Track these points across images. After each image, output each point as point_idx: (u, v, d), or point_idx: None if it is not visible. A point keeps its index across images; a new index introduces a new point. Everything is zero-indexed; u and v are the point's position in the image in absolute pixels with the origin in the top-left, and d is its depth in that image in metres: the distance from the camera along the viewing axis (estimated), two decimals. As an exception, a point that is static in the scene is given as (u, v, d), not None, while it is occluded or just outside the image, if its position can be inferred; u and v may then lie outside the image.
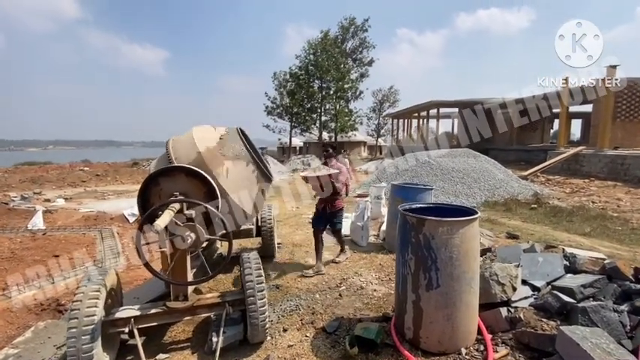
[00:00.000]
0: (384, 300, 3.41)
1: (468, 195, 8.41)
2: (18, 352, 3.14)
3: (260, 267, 2.67)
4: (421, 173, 9.36)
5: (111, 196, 12.20)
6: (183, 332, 2.97)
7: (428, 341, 2.42)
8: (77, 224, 8.19)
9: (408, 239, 2.44)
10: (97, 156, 35.11)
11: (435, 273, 2.33)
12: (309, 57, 26.83)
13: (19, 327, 3.69)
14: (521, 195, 8.69)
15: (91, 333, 2.09)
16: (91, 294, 2.19)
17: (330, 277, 4.07)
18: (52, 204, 10.49)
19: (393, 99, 34.34)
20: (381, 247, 5.08)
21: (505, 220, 6.79)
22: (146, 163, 23.30)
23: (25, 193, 12.39)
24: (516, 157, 18.57)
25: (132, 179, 17.13)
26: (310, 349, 2.64)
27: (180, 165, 2.58)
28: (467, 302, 2.40)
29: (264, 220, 4.53)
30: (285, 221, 7.11)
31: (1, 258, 5.92)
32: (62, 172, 18.19)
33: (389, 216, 5.12)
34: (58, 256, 5.99)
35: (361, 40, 29.36)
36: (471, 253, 2.37)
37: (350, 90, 27.98)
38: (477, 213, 2.46)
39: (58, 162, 25.12)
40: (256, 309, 2.47)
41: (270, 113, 29.08)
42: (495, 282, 2.74)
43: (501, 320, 2.60)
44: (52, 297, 4.40)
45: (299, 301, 3.42)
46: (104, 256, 6.05)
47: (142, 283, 4.48)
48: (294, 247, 5.36)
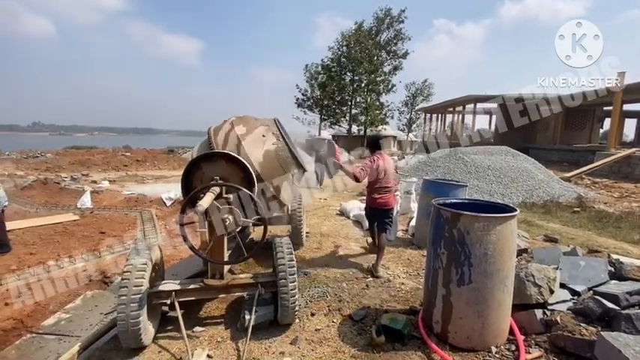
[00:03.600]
0: (412, 294, 3.40)
1: (503, 195, 8.07)
2: (69, 316, 3.47)
3: (292, 252, 2.76)
4: (454, 170, 9.08)
5: (149, 181, 12.93)
6: (217, 309, 3.14)
7: (457, 336, 2.40)
8: (120, 205, 8.79)
9: (442, 233, 2.42)
10: (136, 142, 37.17)
11: (467, 268, 2.30)
12: (342, 49, 26.61)
13: (70, 294, 4.06)
14: (563, 197, 8.20)
15: (138, 302, 2.28)
16: (139, 266, 2.38)
17: (357, 267, 4.11)
18: (98, 185, 11.30)
19: (426, 93, 33.31)
20: (410, 243, 5.04)
21: (543, 223, 6.47)
22: (181, 150, 24.36)
23: (75, 175, 13.44)
24: (559, 157, 17.46)
25: (168, 165, 18.02)
26: (337, 334, 2.70)
27: (221, 151, 2.70)
28: (499, 300, 2.35)
29: (295, 208, 4.64)
30: (314, 212, 7.21)
31: (55, 232, 6.52)
32: (106, 156, 19.47)
33: (419, 211, 5.05)
34: (104, 232, 6.50)
35: (396, 31, 28.58)
36: (506, 251, 2.31)
37: (382, 83, 27.51)
38: (515, 210, 2.39)
39: (103, 147, 26.87)
40: (287, 291, 2.57)
41: (301, 105, 29.28)
42: (531, 283, 2.65)
43: (536, 322, 2.53)
44: (98, 269, 4.80)
45: (326, 289, 3.49)
46: (144, 236, 6.47)
47: (178, 262, 4.77)
48: (322, 237, 5.44)
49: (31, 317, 3.66)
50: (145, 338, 2.40)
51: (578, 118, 20.22)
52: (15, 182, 11.59)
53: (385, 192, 3.96)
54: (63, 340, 2.99)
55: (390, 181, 3.98)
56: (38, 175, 13.24)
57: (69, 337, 3.02)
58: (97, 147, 27.31)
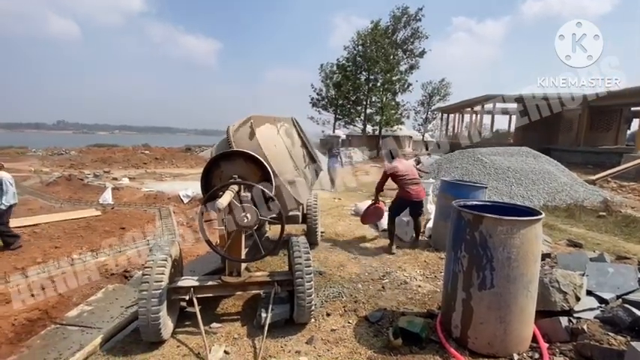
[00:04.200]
0: (429, 297, 3.34)
1: (524, 197, 7.83)
2: (91, 309, 3.58)
3: (308, 251, 2.75)
4: (472, 171, 8.88)
5: (168, 178, 13.22)
6: (234, 306, 3.17)
7: (477, 342, 2.34)
8: (139, 201, 9.03)
9: (462, 236, 2.36)
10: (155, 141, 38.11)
11: (489, 273, 2.24)
12: (358, 48, 26.44)
13: (93, 287, 4.18)
14: (588, 201, 7.89)
15: (158, 297, 2.33)
16: (160, 262, 2.43)
17: (372, 269, 4.07)
18: (118, 182, 11.64)
19: (443, 92, 32.69)
20: (427, 245, 4.95)
21: (566, 227, 6.24)
22: (198, 149, 24.81)
23: (97, 172, 13.89)
24: (583, 159, 16.81)
25: (186, 164, 18.38)
26: (353, 335, 2.68)
27: (239, 150, 2.72)
28: (522, 306, 2.28)
29: (310, 207, 4.64)
30: (328, 212, 7.19)
31: (79, 226, 6.74)
32: (127, 154, 20.03)
33: (436, 213, 4.96)
34: (124, 228, 6.68)
35: (413, 30, 28.13)
36: (531, 255, 2.23)
37: (398, 82, 27.15)
38: (540, 214, 2.30)
39: (123, 145, 27.67)
40: (304, 290, 2.56)
41: (315, 105, 29.26)
42: (556, 289, 2.56)
43: (560, 330, 2.43)
44: (119, 264, 4.93)
45: (342, 289, 3.48)
46: (162, 232, 6.61)
47: (195, 258, 4.85)
48: (337, 236, 5.42)
49: (56, 309, 3.79)
50: (164, 332, 2.45)
51: (603, 119, 19.41)
52: (41, 178, 12.08)
53: (415, 184, 4.66)
54: (85, 331, 3.08)
55: (415, 174, 4.77)
56: (63, 171, 13.76)
57: (91, 328, 3.12)
58: (118, 145, 28.14)
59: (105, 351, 2.51)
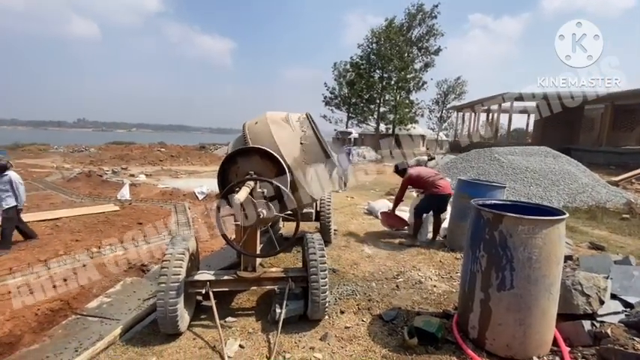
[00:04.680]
0: (445, 297, 3.29)
1: (542, 198, 7.63)
2: (110, 300, 3.67)
3: (323, 248, 2.75)
4: (489, 171, 8.71)
5: (183, 175, 13.45)
6: (248, 301, 3.20)
7: (495, 343, 2.29)
8: (156, 198, 9.21)
9: (481, 235, 2.31)
10: (171, 139, 38.88)
11: (509, 273, 2.18)
12: (372, 46, 26.24)
13: (111, 280, 4.29)
14: (610, 203, 7.63)
15: (176, 290, 2.37)
16: (178, 256, 2.47)
17: (386, 268, 4.04)
18: (135, 179, 11.92)
19: (459, 90, 32.10)
20: (442, 244, 4.88)
21: (588, 229, 6.05)
22: (212, 147, 25.16)
23: (115, 168, 14.26)
24: (605, 159, 16.24)
25: (200, 161, 18.67)
26: (367, 333, 2.67)
27: (255, 146, 2.74)
28: (543, 309, 2.21)
29: (324, 205, 4.63)
30: (341, 210, 7.17)
31: (98, 221, 6.93)
32: (143, 151, 20.49)
33: (453, 213, 4.87)
34: (141, 223, 6.83)
35: (429, 27, 27.73)
36: (553, 256, 2.17)
37: (412, 80, 26.84)
38: (564, 214, 2.23)
39: (140, 142, 28.32)
40: (318, 287, 2.56)
41: (328, 104, 29.22)
42: (579, 292, 2.48)
43: (583, 334, 2.35)
44: (136, 258, 5.04)
45: (355, 287, 3.46)
46: (178, 228, 6.73)
47: (210, 253, 4.91)
48: (350, 235, 5.40)
49: (76, 300, 3.90)
50: (181, 325, 2.49)
51: (627, 118, 18.69)
52: (62, 174, 12.49)
53: (440, 179, 4.84)
54: (105, 322, 3.16)
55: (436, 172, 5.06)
56: (83, 168, 14.18)
57: (110, 319, 3.20)
58: (135, 143, 28.82)
59: (124, 341, 2.57)
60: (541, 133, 22.08)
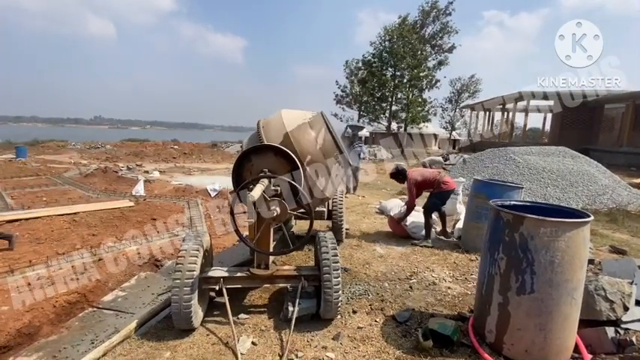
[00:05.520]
0: (460, 299, 3.22)
1: (560, 200, 7.41)
2: (125, 294, 3.73)
3: (336, 246, 2.73)
4: (504, 171, 8.52)
5: (195, 172, 13.61)
6: (260, 298, 3.20)
7: (513, 349, 2.23)
8: (169, 194, 9.34)
9: (500, 237, 2.24)
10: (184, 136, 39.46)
11: (529, 277, 2.12)
12: (385, 44, 25.99)
13: (126, 274, 4.36)
14: (632, 205, 7.36)
15: (191, 286, 2.38)
16: (193, 252, 2.48)
17: (399, 268, 3.99)
18: (150, 175, 12.11)
19: (473, 89, 31.59)
20: (456, 246, 4.80)
21: (608, 232, 5.85)
22: (224, 145, 25.39)
23: (130, 165, 14.53)
24: (626, 160, 15.69)
25: (212, 159, 18.86)
26: (380, 334, 2.63)
27: (270, 144, 2.73)
28: (565, 314, 2.14)
29: (336, 204, 4.60)
30: (352, 209, 7.13)
31: (114, 216, 7.07)
32: (157, 148, 20.84)
33: (467, 213, 4.78)
34: (155, 219, 6.93)
35: (442, 24, 27.32)
36: (577, 260, 2.09)
37: (425, 78, 26.49)
38: (589, 216, 2.15)
39: (154, 140, 28.80)
40: (331, 286, 2.54)
41: (340, 102, 29.14)
42: (602, 297, 2.39)
43: (606, 341, 2.27)
44: (150, 253, 5.12)
45: (367, 287, 3.43)
46: (191, 224, 6.81)
47: (222, 250, 4.95)
48: (362, 234, 5.36)
49: (93, 293, 3.98)
50: (195, 321, 2.51)
51: (650, 118, 18.02)
52: (80, 170, 12.79)
53: (444, 176, 4.98)
54: (120, 315, 3.21)
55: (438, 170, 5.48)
56: (99, 164, 14.50)
57: (125, 313, 3.24)
58: (149, 140, 29.32)
59: (139, 335, 2.61)
60: (558, 133, 21.50)
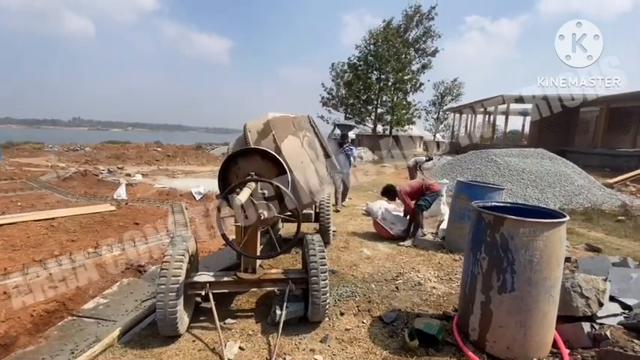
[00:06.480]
0: (444, 299, 3.29)
1: (539, 200, 7.68)
2: (107, 302, 3.63)
3: (323, 249, 2.74)
4: (486, 173, 8.75)
5: (180, 175, 13.36)
6: (248, 302, 3.18)
7: (495, 346, 2.29)
8: (153, 197, 9.14)
9: (482, 238, 2.31)
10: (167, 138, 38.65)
11: (510, 276, 2.19)
12: (370, 47, 26.27)
13: (108, 281, 4.24)
14: (606, 205, 7.70)
15: (176, 291, 2.35)
16: (178, 257, 2.45)
17: (385, 269, 4.04)
18: (132, 178, 11.81)
19: (456, 92, 32.28)
20: (440, 246, 4.89)
21: (584, 231, 6.10)
22: (209, 147, 25.05)
23: (111, 168, 14.14)
24: (600, 162, 16.38)
25: (197, 161, 18.57)
26: (367, 335, 2.66)
27: (256, 147, 2.72)
28: (544, 311, 2.22)
29: (323, 206, 4.62)
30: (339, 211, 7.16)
31: (94, 221, 6.86)
32: (139, 150, 20.34)
33: (451, 214, 4.89)
34: (138, 223, 6.77)
35: (426, 29, 27.82)
36: (554, 259, 2.17)
37: (410, 82, 26.90)
38: (565, 216, 2.24)
39: (136, 142, 28.11)
40: (319, 289, 2.55)
41: (326, 104, 29.23)
42: (578, 294, 2.49)
43: (582, 336, 2.37)
44: (133, 258, 5.00)
45: (355, 289, 3.45)
46: (175, 228, 6.68)
47: (208, 254, 4.88)
48: (349, 236, 5.39)
49: (72, 301, 3.85)
50: (180, 327, 2.47)
51: (622, 120, 18.88)
52: (57, 173, 12.35)
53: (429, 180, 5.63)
54: (101, 323, 3.12)
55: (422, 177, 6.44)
56: (78, 167, 14.05)
57: (107, 321, 3.16)
58: (131, 142, 28.60)
59: (122, 344, 2.54)
60: (537, 135, 22.25)
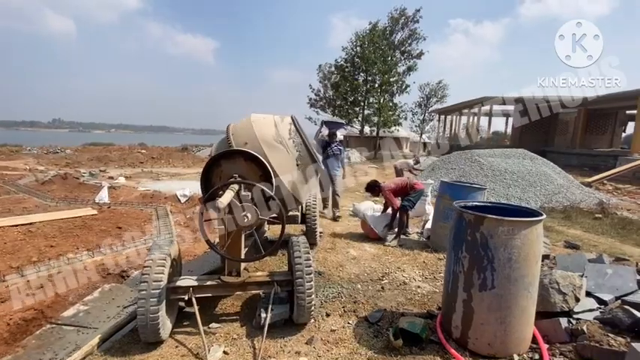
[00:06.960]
0: (428, 297, 3.34)
1: (521, 199, 7.88)
2: (87, 308, 3.53)
3: (309, 251, 2.74)
4: (470, 173, 8.93)
5: (164, 178, 13.12)
6: (232, 306, 3.14)
7: (477, 342, 2.34)
8: (136, 201, 8.94)
9: (463, 237, 2.36)
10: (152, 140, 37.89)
11: (490, 273, 2.24)
12: (356, 49, 26.48)
13: (89, 287, 4.12)
14: (584, 203, 7.96)
15: (158, 297, 2.30)
16: (159, 261, 2.40)
17: (371, 269, 4.06)
18: (114, 181, 11.52)
19: (440, 94, 32.88)
20: (425, 245, 4.96)
21: (563, 229, 6.28)
22: (195, 148, 24.69)
23: (93, 170, 13.76)
24: (579, 161, 16.96)
25: (183, 163, 18.27)
26: (353, 335, 2.67)
27: (240, 149, 2.70)
28: (523, 307, 2.28)
29: (309, 207, 4.62)
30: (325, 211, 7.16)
31: (75, 226, 6.66)
32: (123, 152, 19.89)
33: (435, 214, 4.96)
34: (120, 227, 6.61)
35: (411, 31, 28.22)
36: (532, 256, 2.24)
37: (396, 83, 27.22)
38: (541, 215, 2.31)
39: (119, 144, 27.47)
40: (304, 291, 2.55)
41: (313, 105, 29.29)
42: (556, 290, 2.57)
43: (560, 331, 2.44)
44: (115, 264, 4.88)
45: (341, 289, 3.47)
46: (159, 232, 6.56)
47: (193, 258, 4.81)
48: (335, 237, 5.41)
49: (51, 308, 3.73)
50: (163, 333, 2.42)
51: (599, 122, 19.62)
52: (36, 177, 11.94)
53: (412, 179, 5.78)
54: (81, 331, 3.03)
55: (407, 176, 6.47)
56: (58, 170, 13.60)
57: (87, 328, 3.07)
58: (114, 144, 27.93)
59: (102, 351, 2.48)
60: (518, 136, 22.84)
